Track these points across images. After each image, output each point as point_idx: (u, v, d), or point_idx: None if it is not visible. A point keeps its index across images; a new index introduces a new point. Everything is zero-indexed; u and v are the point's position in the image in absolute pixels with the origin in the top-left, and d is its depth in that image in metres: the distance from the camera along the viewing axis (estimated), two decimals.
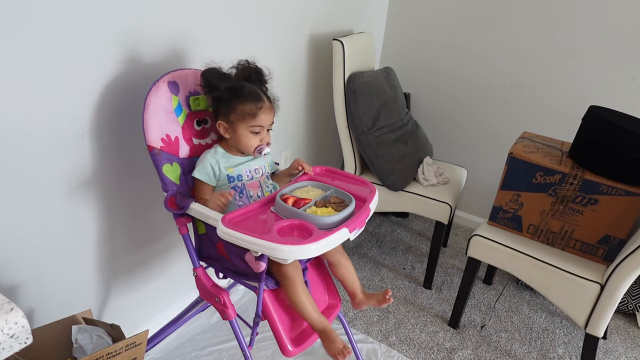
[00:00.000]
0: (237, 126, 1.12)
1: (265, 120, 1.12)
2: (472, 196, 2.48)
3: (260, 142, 1.14)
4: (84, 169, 1.15)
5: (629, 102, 1.92)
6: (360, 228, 0.99)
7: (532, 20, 2.04)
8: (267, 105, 1.13)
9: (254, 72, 1.16)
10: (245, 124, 1.11)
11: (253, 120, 1.10)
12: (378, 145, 1.87)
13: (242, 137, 1.12)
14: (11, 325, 0.55)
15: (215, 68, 1.13)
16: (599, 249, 1.51)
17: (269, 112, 1.13)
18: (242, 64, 1.16)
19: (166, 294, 1.59)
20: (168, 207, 1.08)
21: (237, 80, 1.13)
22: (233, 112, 1.11)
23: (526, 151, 1.56)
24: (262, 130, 1.13)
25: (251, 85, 1.13)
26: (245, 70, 1.15)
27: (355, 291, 1.25)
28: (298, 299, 1.07)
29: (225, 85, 1.10)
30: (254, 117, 1.10)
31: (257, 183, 1.17)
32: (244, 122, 1.11)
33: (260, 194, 1.17)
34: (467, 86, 2.30)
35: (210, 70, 1.12)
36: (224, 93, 1.10)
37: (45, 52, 0.97)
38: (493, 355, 1.67)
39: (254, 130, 1.12)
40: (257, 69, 1.17)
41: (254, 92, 1.11)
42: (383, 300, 1.21)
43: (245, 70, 1.15)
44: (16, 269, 1.08)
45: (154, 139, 1.08)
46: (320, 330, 1.09)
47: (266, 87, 1.18)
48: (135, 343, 1.01)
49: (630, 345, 1.79)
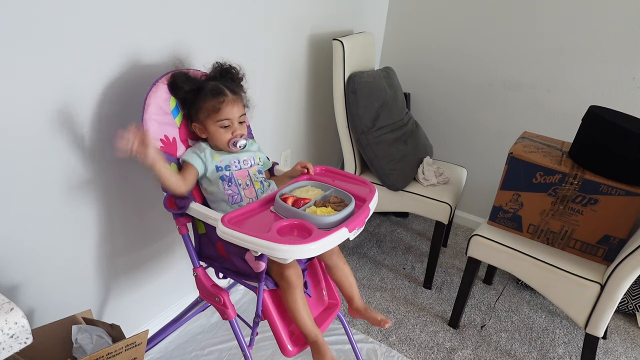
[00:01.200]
0: (206, 124, 1.14)
1: (231, 113, 1.13)
2: (472, 196, 2.48)
3: (233, 135, 1.15)
4: (84, 168, 1.15)
5: (629, 102, 1.92)
6: (360, 228, 0.99)
7: (532, 20, 2.04)
8: (230, 98, 1.13)
9: (221, 71, 1.18)
10: (212, 120, 1.12)
11: (218, 115, 1.11)
12: (378, 145, 1.87)
13: (214, 133, 1.14)
14: (11, 325, 0.55)
15: (182, 71, 1.15)
16: (599, 249, 1.51)
17: (232, 104, 1.13)
18: (214, 65, 1.19)
19: (166, 294, 1.59)
20: (167, 207, 1.08)
21: (201, 81, 1.15)
22: (200, 110, 1.13)
23: (526, 151, 1.56)
24: (231, 123, 1.14)
25: (214, 82, 1.14)
26: (214, 71, 1.19)
27: (353, 297, 1.24)
28: (294, 305, 1.07)
29: (189, 86, 1.12)
30: (218, 112, 1.11)
31: (245, 172, 1.18)
32: (210, 119, 1.12)
33: (249, 183, 1.17)
34: (467, 86, 2.31)
35: (176, 73, 1.14)
36: (188, 94, 1.12)
37: (45, 52, 0.98)
38: (493, 355, 1.67)
39: (223, 125, 1.13)
40: (224, 68, 1.19)
41: (214, 87, 1.12)
42: (378, 323, 1.19)
43: (215, 70, 1.19)
44: (16, 269, 1.08)
45: (153, 139, 1.08)
46: (312, 341, 1.08)
47: (239, 84, 1.20)
48: (135, 343, 1.01)
49: (630, 345, 1.79)
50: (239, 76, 1.22)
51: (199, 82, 1.15)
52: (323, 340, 1.09)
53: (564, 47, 2.00)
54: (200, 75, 1.20)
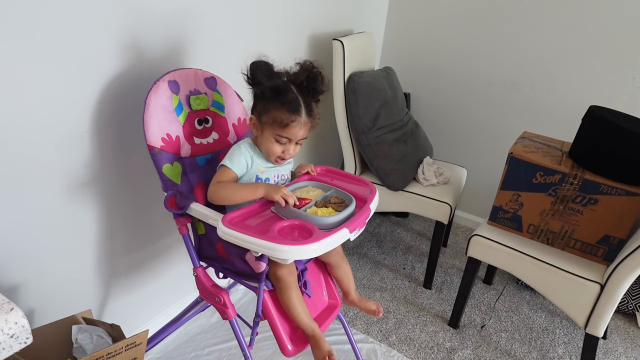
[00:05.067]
0: (264, 128, 1.06)
1: (295, 134, 1.05)
2: (472, 196, 2.48)
3: (283, 154, 1.08)
4: (84, 169, 1.15)
5: (629, 102, 1.92)
6: (361, 228, 0.99)
7: (532, 20, 2.04)
8: (303, 120, 1.04)
9: (307, 77, 1.04)
10: (273, 131, 1.05)
11: (281, 130, 1.04)
12: (378, 145, 1.87)
13: (266, 140, 1.07)
14: (11, 325, 0.55)
15: (265, 62, 1.04)
16: (599, 249, 1.51)
17: (302, 126, 1.04)
18: (306, 64, 1.05)
19: (166, 294, 1.59)
20: (168, 207, 1.08)
21: (285, 82, 1.04)
22: (266, 113, 1.04)
23: (526, 151, 1.56)
24: (288, 142, 1.06)
25: (294, 94, 1.03)
26: (300, 73, 1.04)
27: (350, 291, 1.28)
28: (290, 303, 1.08)
29: (269, 83, 1.02)
30: (283, 128, 1.03)
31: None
32: (272, 128, 1.04)
33: None
34: (467, 86, 2.31)
35: (259, 62, 1.04)
36: (266, 91, 1.02)
37: (45, 52, 0.97)
38: (493, 355, 1.67)
39: (280, 140, 1.06)
40: (312, 75, 1.04)
41: (294, 101, 1.02)
42: (372, 312, 1.27)
43: (301, 72, 1.04)
44: (16, 269, 1.08)
45: (154, 139, 1.07)
46: (310, 335, 1.09)
47: (317, 99, 1.08)
48: (135, 343, 1.01)
49: (630, 345, 1.79)
50: (323, 89, 1.07)
51: (279, 81, 1.03)
52: (321, 334, 1.09)
53: (564, 47, 2.00)
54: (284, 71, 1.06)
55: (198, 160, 1.19)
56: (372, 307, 1.27)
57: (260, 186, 1.04)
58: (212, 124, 1.23)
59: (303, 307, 1.10)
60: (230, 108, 1.28)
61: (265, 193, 1.02)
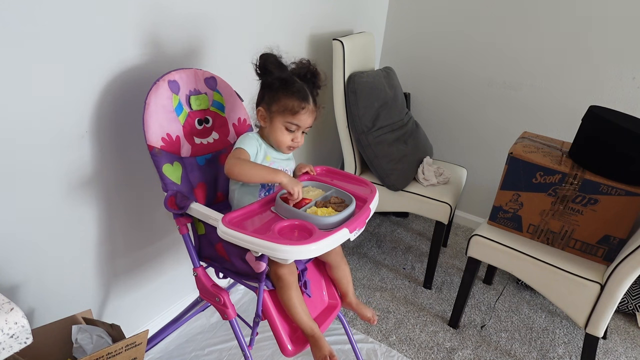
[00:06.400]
0: (274, 117, 1.10)
1: (304, 122, 1.11)
2: (472, 196, 2.48)
3: (292, 142, 1.13)
4: (84, 169, 1.15)
5: (629, 102, 1.92)
6: (361, 228, 0.99)
7: (532, 20, 2.04)
8: (311, 108, 1.11)
9: (310, 72, 1.13)
10: (283, 119, 1.09)
11: (292, 117, 1.09)
12: (378, 145, 1.87)
13: (276, 130, 1.11)
14: (11, 325, 0.55)
15: (274, 54, 1.12)
16: (599, 249, 1.51)
17: (310, 114, 1.11)
18: (303, 62, 1.14)
19: (166, 294, 1.59)
20: (168, 207, 1.08)
21: (291, 75, 1.11)
22: (276, 102, 1.09)
23: (526, 151, 1.56)
24: (297, 130, 1.12)
25: (302, 84, 1.11)
26: (302, 68, 1.12)
27: (348, 292, 1.28)
28: (290, 302, 1.08)
29: (279, 73, 1.09)
30: (294, 115, 1.08)
31: None
32: (282, 116, 1.09)
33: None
34: (467, 86, 2.31)
35: (269, 54, 1.12)
36: (275, 81, 1.09)
37: (45, 52, 0.97)
38: (493, 355, 1.67)
39: (290, 128, 1.10)
40: (314, 71, 1.13)
41: (302, 90, 1.09)
42: (367, 319, 1.28)
43: (303, 68, 1.13)
44: (16, 269, 1.08)
45: (154, 139, 1.07)
46: (310, 335, 1.09)
47: (317, 92, 1.15)
48: (135, 343, 1.01)
49: (630, 345, 1.79)
50: (321, 85, 1.16)
51: (287, 73, 1.11)
52: (320, 333, 1.09)
53: (564, 47, 2.00)
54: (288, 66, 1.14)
55: (198, 160, 1.19)
56: (368, 315, 1.27)
57: (280, 172, 1.05)
58: (213, 123, 1.23)
59: (303, 307, 1.10)
60: (231, 108, 1.28)
61: (287, 181, 1.03)
